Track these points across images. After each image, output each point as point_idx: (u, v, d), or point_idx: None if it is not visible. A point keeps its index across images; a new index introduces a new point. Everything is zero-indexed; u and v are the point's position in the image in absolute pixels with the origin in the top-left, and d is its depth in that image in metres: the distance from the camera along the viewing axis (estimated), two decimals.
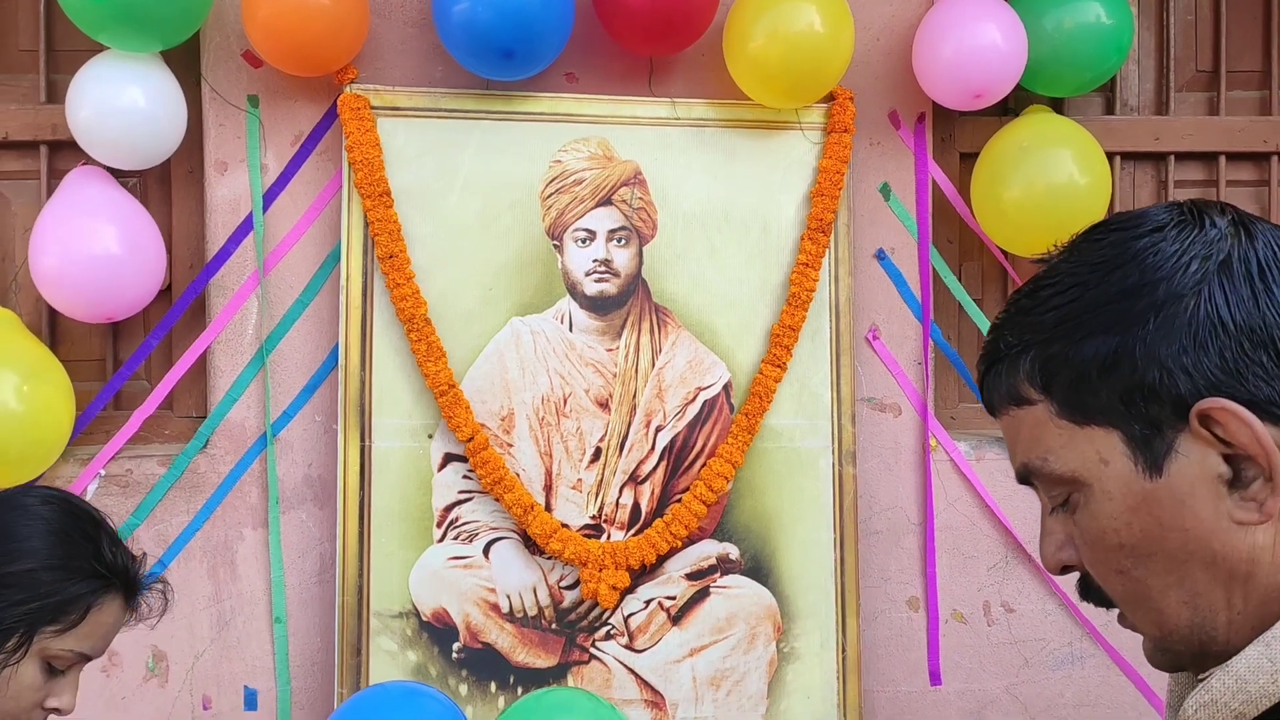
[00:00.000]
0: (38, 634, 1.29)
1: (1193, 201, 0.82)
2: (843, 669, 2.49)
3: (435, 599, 2.41)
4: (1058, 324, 0.79)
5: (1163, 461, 0.75)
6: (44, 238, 2.32)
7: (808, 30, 2.33)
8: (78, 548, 1.33)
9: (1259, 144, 2.82)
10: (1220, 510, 0.74)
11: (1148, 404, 0.75)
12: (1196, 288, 0.74)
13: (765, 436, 2.50)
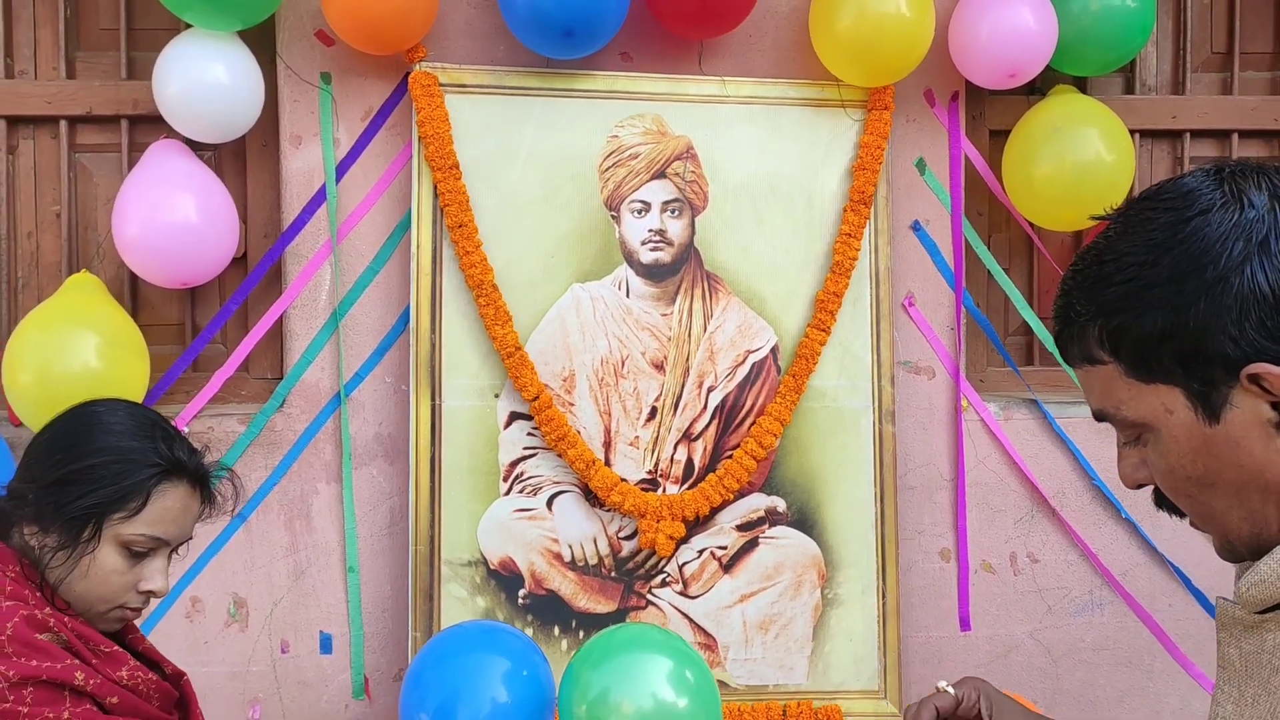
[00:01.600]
0: (106, 522, 1.42)
1: (1234, 173, 0.97)
2: (883, 614, 2.66)
3: (502, 549, 2.56)
4: (1121, 298, 0.95)
5: (1220, 411, 0.92)
6: (127, 207, 2.44)
7: (895, 13, 2.48)
8: (136, 442, 1.47)
9: (1270, 122, 2.98)
10: (1271, 448, 0.91)
11: (1203, 367, 0.91)
12: (1240, 267, 0.89)
13: (810, 396, 2.66)
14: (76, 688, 1.34)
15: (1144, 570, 2.84)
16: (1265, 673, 0.94)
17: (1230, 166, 0.96)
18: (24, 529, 1.44)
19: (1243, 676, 0.98)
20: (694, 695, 2.11)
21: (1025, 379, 2.86)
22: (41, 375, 2.34)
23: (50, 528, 1.41)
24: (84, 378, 2.36)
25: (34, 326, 2.40)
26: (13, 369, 2.36)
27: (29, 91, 2.61)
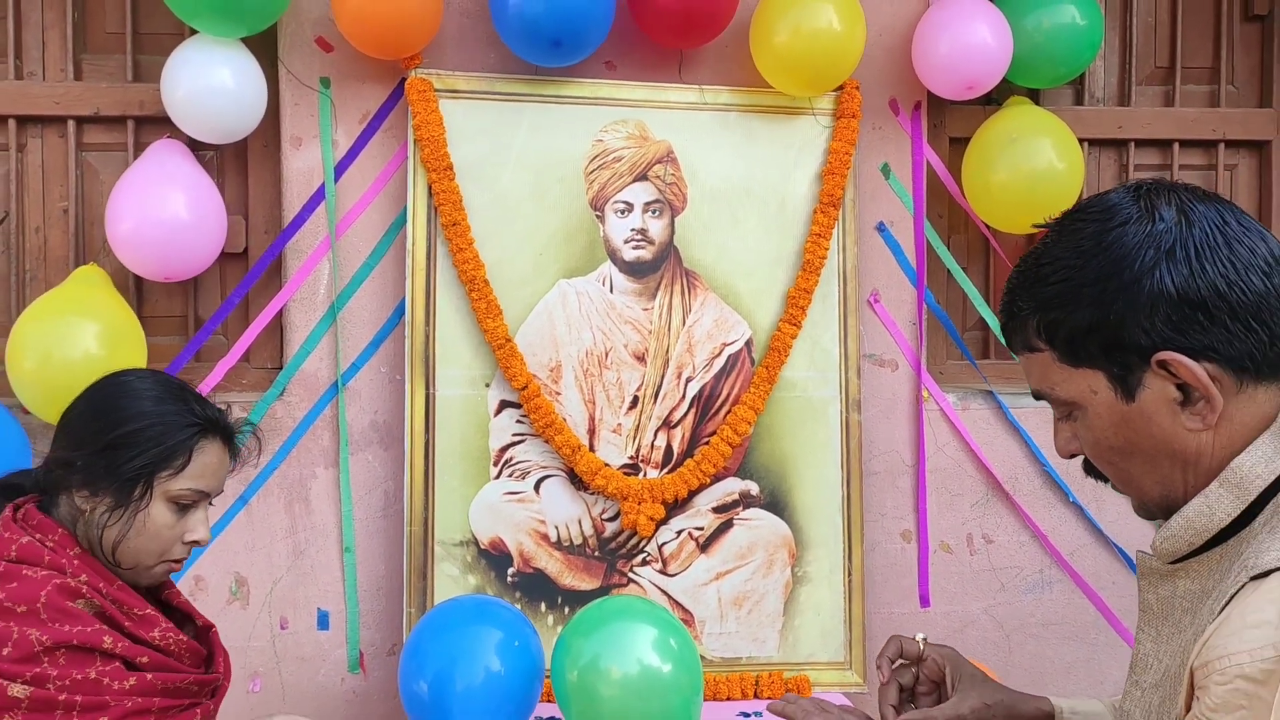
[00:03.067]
0: (156, 479, 1.55)
1: (1151, 189, 1.13)
2: (848, 591, 2.84)
3: (492, 529, 2.71)
4: (1055, 296, 1.12)
5: (1135, 391, 1.09)
6: (120, 204, 2.55)
7: (826, 28, 2.65)
8: (172, 406, 1.60)
9: (1208, 132, 3.19)
10: (1177, 423, 1.08)
11: (1121, 354, 1.08)
12: (1151, 271, 1.06)
13: (782, 387, 2.83)
14: (105, 650, 1.46)
15: (1090, 550, 3.04)
16: (1177, 614, 1.12)
17: (1147, 185, 1.13)
18: (73, 496, 1.55)
19: (1159, 618, 1.15)
20: (677, 662, 2.27)
21: (982, 371, 3.05)
22: (43, 362, 2.45)
23: (102, 491, 1.53)
24: (84, 365, 2.47)
25: (37, 316, 2.51)
26: (16, 356, 2.47)
27: (38, 92, 2.73)
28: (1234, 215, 1.07)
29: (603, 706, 2.25)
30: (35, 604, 1.43)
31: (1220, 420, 1.06)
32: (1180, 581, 1.11)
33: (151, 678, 1.47)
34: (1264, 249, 1.05)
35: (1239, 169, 3.25)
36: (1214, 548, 1.08)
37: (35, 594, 1.44)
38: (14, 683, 1.38)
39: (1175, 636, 1.11)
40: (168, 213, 2.55)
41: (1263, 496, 1.04)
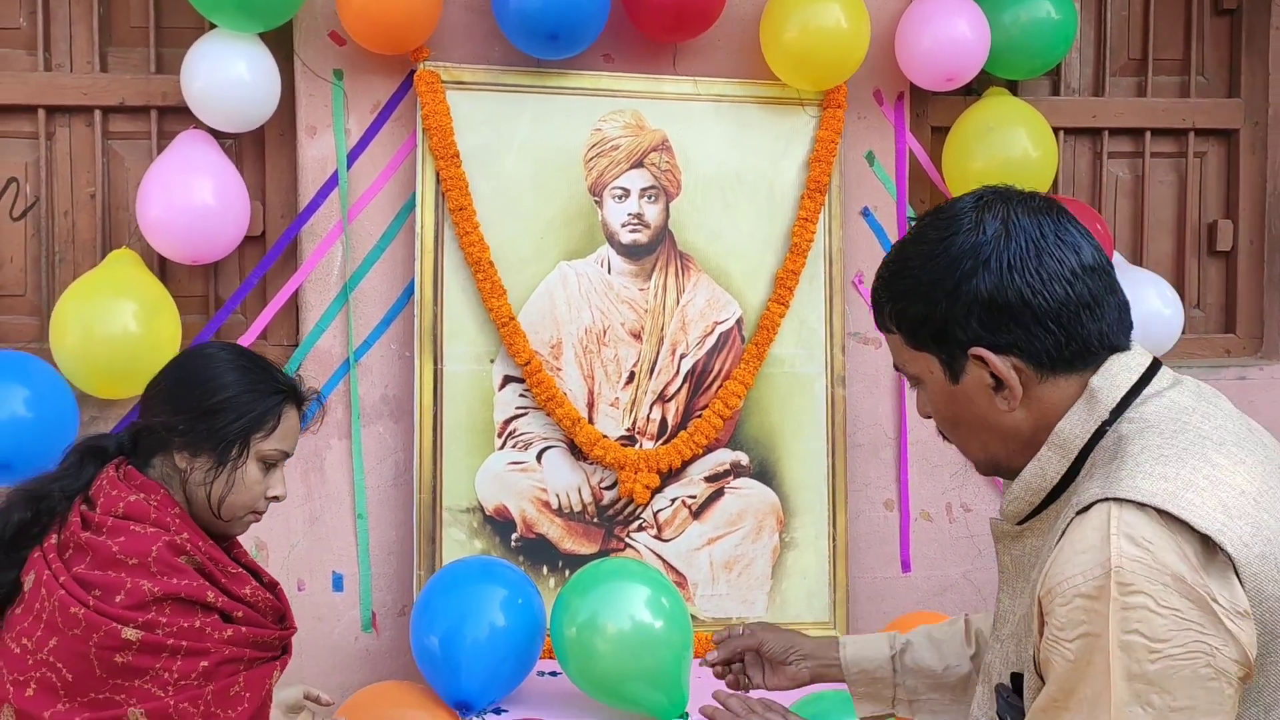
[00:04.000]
0: (251, 441, 1.71)
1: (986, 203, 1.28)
2: (833, 556, 3.01)
3: (496, 497, 2.88)
4: (902, 291, 1.29)
5: (959, 376, 1.27)
6: (150, 190, 2.72)
7: (834, 26, 2.82)
8: (259, 375, 1.75)
9: (1179, 121, 3.35)
10: (992, 404, 1.26)
11: (947, 345, 1.26)
12: (968, 278, 1.22)
13: (771, 363, 2.99)
14: (207, 603, 1.61)
15: None
16: (1026, 569, 1.29)
17: (988, 195, 1.29)
18: (173, 457, 1.69)
19: (1013, 576, 1.32)
20: (669, 619, 2.45)
21: None
22: (86, 338, 2.61)
23: (202, 452, 1.67)
24: (124, 341, 2.63)
25: (78, 295, 2.67)
26: (60, 333, 2.63)
27: (66, 83, 2.88)
28: (1054, 228, 1.22)
29: (599, 660, 2.42)
30: (146, 558, 1.58)
31: (1030, 401, 1.23)
32: (1028, 540, 1.28)
33: (245, 630, 1.63)
34: (1073, 260, 1.20)
35: (1208, 156, 3.41)
36: (1050, 505, 1.25)
37: (146, 549, 1.59)
38: (127, 626, 1.54)
39: (1026, 589, 1.27)
40: (195, 199, 2.70)
41: (1082, 453, 1.21)
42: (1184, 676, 1.04)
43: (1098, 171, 3.35)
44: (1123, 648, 1.05)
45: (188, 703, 1.56)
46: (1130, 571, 1.05)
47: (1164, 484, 1.09)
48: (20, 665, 1.54)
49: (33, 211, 2.91)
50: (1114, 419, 1.20)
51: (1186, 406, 1.19)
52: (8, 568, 1.62)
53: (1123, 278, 3.21)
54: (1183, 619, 1.04)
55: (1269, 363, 3.36)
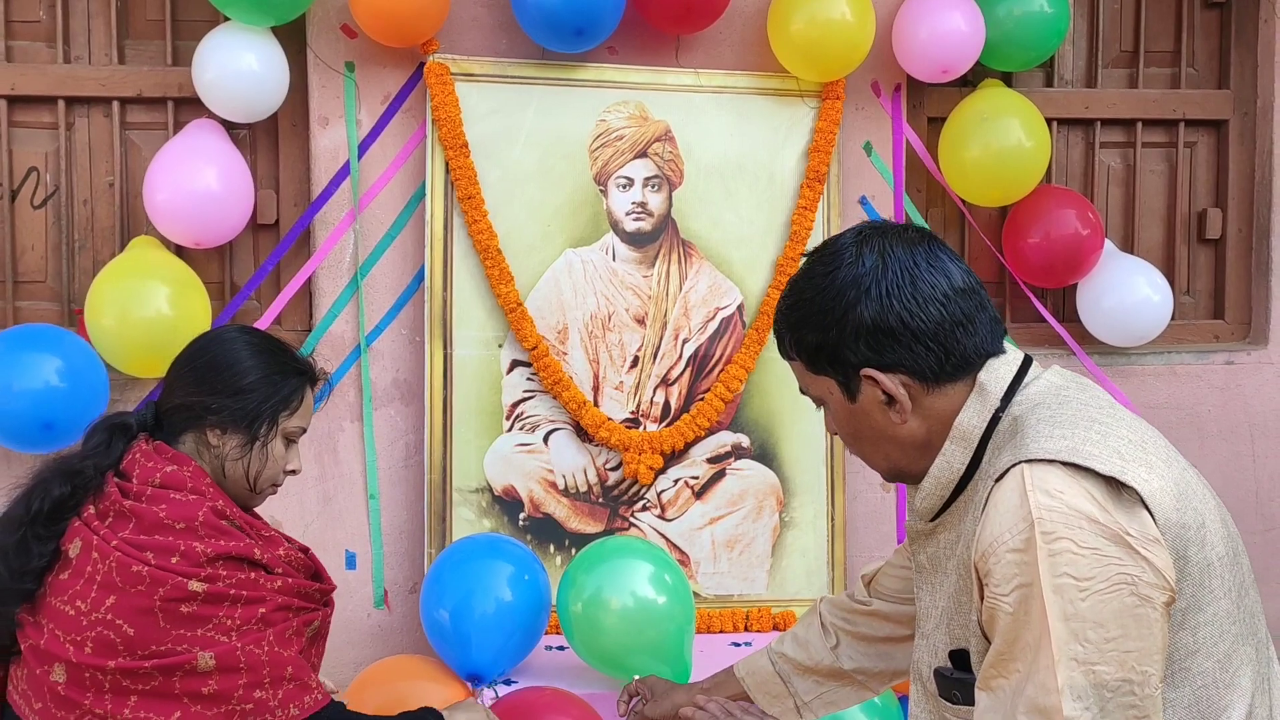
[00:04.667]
0: (279, 419, 1.80)
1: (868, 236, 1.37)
2: (831, 534, 3.10)
3: (505, 478, 2.97)
4: (797, 321, 1.40)
5: (855, 394, 1.37)
6: (158, 176, 2.78)
7: (840, 19, 2.90)
8: (280, 357, 1.84)
9: (1169, 112, 3.43)
10: (887, 417, 1.36)
11: (841, 367, 1.36)
12: (853, 306, 1.33)
13: (771, 348, 3.04)
14: (255, 560, 1.70)
15: None
16: (942, 561, 1.39)
17: (866, 230, 1.40)
18: (205, 434, 1.77)
19: (930, 573, 1.42)
20: (671, 594, 2.54)
21: None
22: (121, 319, 2.69)
23: (232, 429, 1.76)
24: (158, 321, 2.71)
25: (110, 279, 2.75)
26: (95, 314, 2.71)
27: (85, 75, 2.96)
28: (926, 256, 1.33)
29: (604, 634, 2.52)
30: (193, 523, 1.67)
31: (920, 411, 1.34)
32: (941, 535, 1.39)
33: (291, 582, 1.73)
34: (944, 284, 1.32)
35: (1198, 146, 3.49)
36: (958, 497, 1.36)
37: (192, 514, 1.68)
38: (192, 579, 1.63)
39: (945, 581, 1.38)
40: (200, 184, 2.77)
41: (982, 442, 1.32)
42: (1113, 608, 1.14)
43: (1090, 161, 3.43)
44: (1055, 590, 1.14)
45: (252, 645, 1.64)
46: (1050, 521, 1.16)
47: (1064, 442, 1.21)
48: (75, 626, 1.62)
49: (53, 200, 2.99)
50: (1004, 406, 1.31)
51: (1061, 385, 1.33)
52: (48, 539, 1.70)
53: (1113, 265, 3.30)
54: (1102, 556, 1.14)
55: (1256, 348, 3.45)
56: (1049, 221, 3.14)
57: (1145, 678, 1.14)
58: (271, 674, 1.65)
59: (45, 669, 1.63)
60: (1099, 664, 1.13)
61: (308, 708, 1.68)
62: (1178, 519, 1.19)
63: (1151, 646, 1.15)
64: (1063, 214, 3.14)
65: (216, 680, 1.62)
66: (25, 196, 2.98)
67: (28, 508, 1.71)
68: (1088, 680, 1.13)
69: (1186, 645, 1.20)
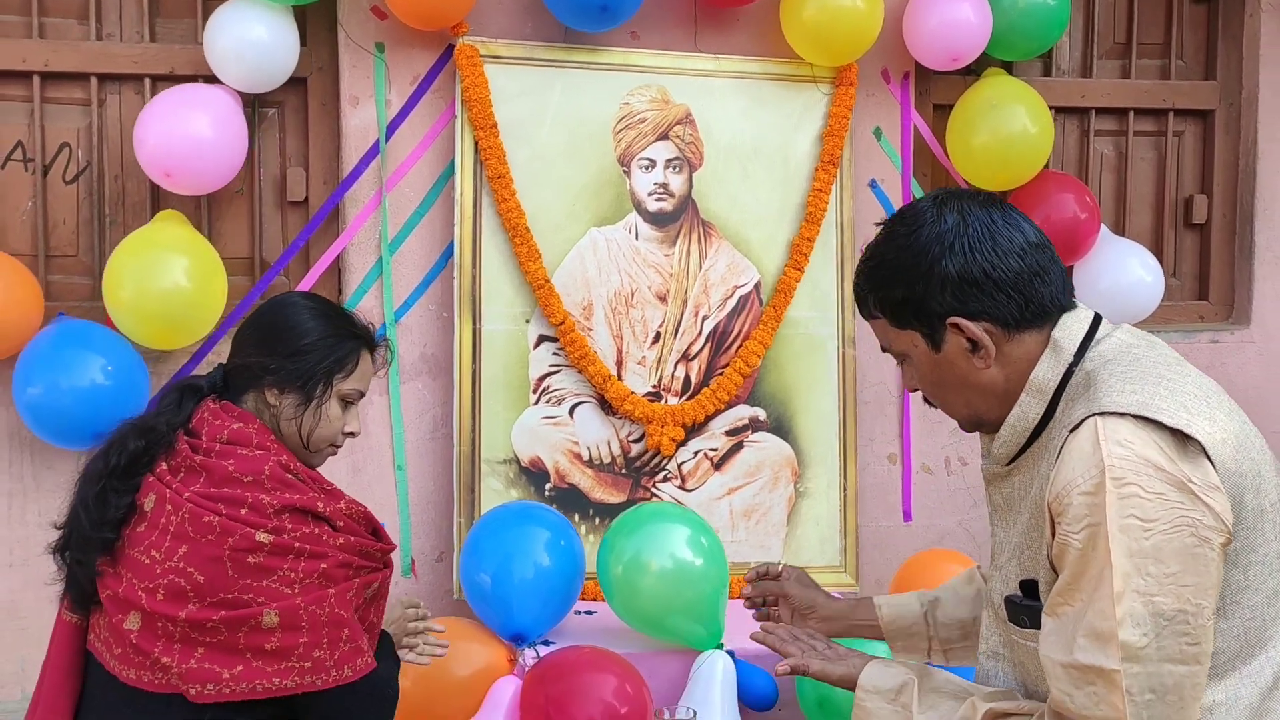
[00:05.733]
0: (334, 381, 1.87)
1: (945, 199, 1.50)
2: (844, 504, 3.22)
3: (531, 449, 3.06)
4: (881, 280, 1.52)
5: (940, 344, 1.49)
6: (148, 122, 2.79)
7: (851, 6, 3.02)
8: (339, 321, 1.91)
9: (1160, 102, 3.59)
10: (970, 364, 1.48)
11: (927, 319, 1.48)
12: (938, 260, 1.45)
13: (787, 325, 3.19)
14: (318, 513, 1.77)
15: None
16: (1015, 502, 1.52)
17: (943, 194, 1.52)
18: (264, 393, 1.84)
19: (1004, 511, 1.54)
20: (707, 557, 2.64)
21: None
22: (138, 292, 2.75)
23: (289, 389, 1.83)
24: (175, 294, 2.76)
25: (129, 251, 2.80)
26: (113, 287, 2.76)
27: (117, 52, 2.99)
28: (1002, 215, 1.46)
29: (643, 596, 2.62)
30: (260, 476, 1.74)
31: (1001, 359, 1.46)
32: (1015, 478, 1.51)
33: (354, 540, 1.80)
34: (1020, 239, 1.45)
35: (1185, 135, 3.66)
36: (1032, 444, 1.48)
37: (259, 468, 1.75)
38: (259, 530, 1.70)
39: (1018, 519, 1.51)
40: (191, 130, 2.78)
41: (1055, 395, 1.45)
42: (1174, 548, 1.26)
43: (1085, 148, 3.58)
44: (1121, 530, 1.27)
45: (315, 604, 1.71)
46: (1120, 468, 1.28)
47: (1135, 396, 1.33)
48: (149, 574, 1.69)
49: (84, 175, 3.02)
50: (1077, 361, 1.44)
51: (1131, 343, 1.45)
52: (124, 492, 1.77)
53: (1108, 247, 3.45)
54: (1167, 500, 1.27)
55: (1239, 327, 3.62)
56: (1049, 205, 3.27)
57: (1199, 609, 1.27)
58: (330, 635, 1.72)
59: (121, 617, 1.70)
60: (1158, 596, 1.26)
61: (359, 670, 1.74)
62: (1235, 468, 1.31)
63: (1207, 582, 1.27)
64: (1062, 198, 3.28)
65: (279, 637, 1.68)
66: (57, 172, 3.01)
67: (106, 462, 1.79)
68: (1147, 610, 1.26)
69: (1238, 582, 1.32)
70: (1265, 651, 1.34)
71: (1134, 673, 1.26)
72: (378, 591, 1.88)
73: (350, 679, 1.72)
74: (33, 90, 2.96)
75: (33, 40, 2.96)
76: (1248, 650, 1.33)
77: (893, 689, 1.55)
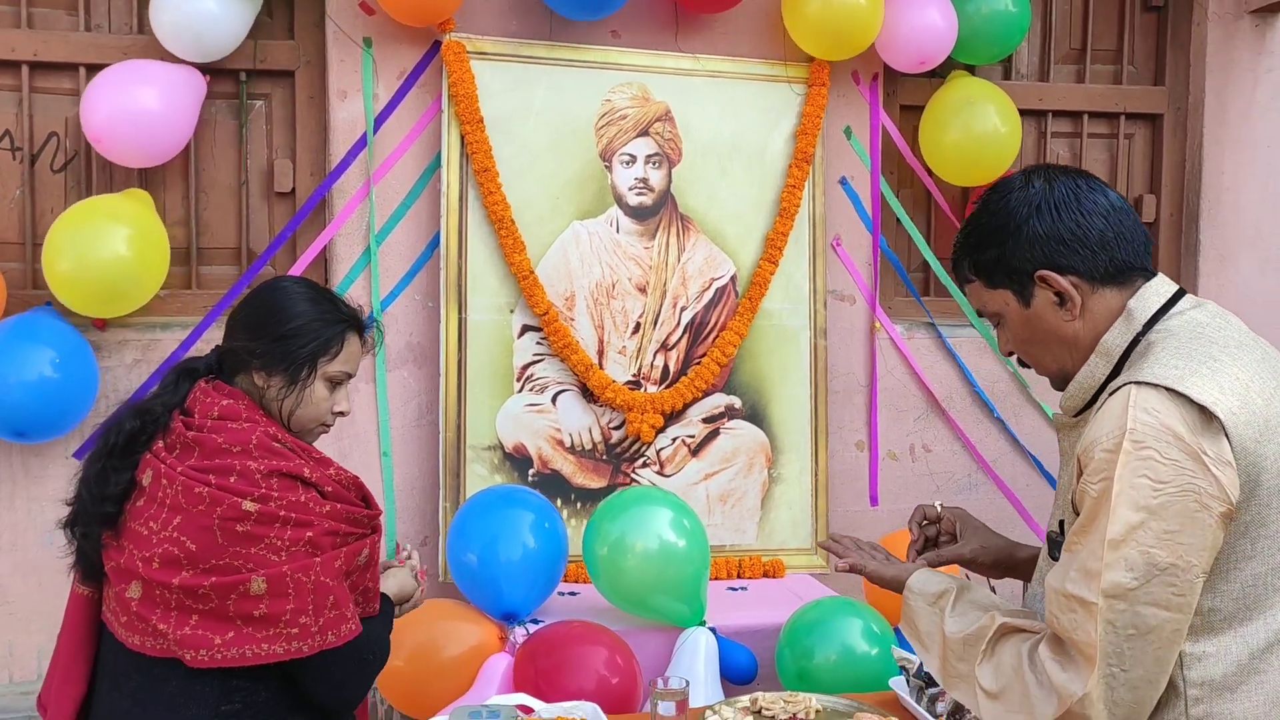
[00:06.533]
0: (319, 363, 1.92)
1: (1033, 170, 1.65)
2: (815, 490, 3.34)
3: (515, 436, 3.14)
4: (976, 244, 1.65)
5: (1030, 300, 1.62)
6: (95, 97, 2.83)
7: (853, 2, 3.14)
8: (325, 305, 1.96)
9: (1112, 106, 3.75)
10: (1058, 316, 1.61)
11: (1017, 276, 1.61)
12: (1027, 220, 1.58)
13: (761, 316, 3.31)
14: (305, 479, 1.84)
15: (1009, 458, 3.61)
16: (1072, 451, 1.64)
17: (1032, 168, 1.66)
18: (252, 375, 1.90)
19: (1068, 457, 1.67)
20: (690, 538, 2.74)
21: (925, 306, 3.58)
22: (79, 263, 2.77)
23: (276, 372, 1.89)
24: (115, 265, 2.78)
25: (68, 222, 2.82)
26: (52, 258, 2.78)
27: (105, 43, 3.03)
28: (1085, 181, 1.58)
29: (628, 576, 2.71)
30: (248, 445, 1.81)
31: (1084, 313, 1.58)
32: (1081, 429, 1.64)
33: (340, 506, 1.86)
34: (1104, 202, 1.57)
35: (1135, 137, 3.83)
36: (1096, 400, 1.61)
37: (247, 438, 1.81)
38: (246, 499, 1.76)
39: (1070, 465, 1.64)
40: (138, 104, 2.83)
41: (1121, 359, 1.57)
42: (1177, 509, 1.39)
43: (1042, 149, 3.74)
44: (1133, 486, 1.40)
45: (301, 572, 1.78)
46: (1141, 432, 1.41)
47: (1174, 371, 1.45)
48: (147, 544, 1.77)
49: (72, 164, 3.05)
50: (1145, 331, 1.55)
51: (1203, 322, 1.55)
52: (122, 469, 1.85)
53: None
54: (1180, 466, 1.39)
55: None
56: None
57: (1189, 566, 1.40)
58: (315, 602, 1.79)
59: (124, 586, 1.78)
60: (1155, 549, 1.39)
61: (343, 636, 1.81)
62: (1256, 449, 1.43)
63: (1202, 544, 1.40)
64: None
65: (266, 604, 1.76)
66: (45, 160, 3.04)
67: (106, 442, 1.86)
68: (1143, 559, 1.39)
69: (1244, 551, 1.46)
70: (1262, 617, 1.47)
71: (1120, 609, 1.39)
72: (369, 558, 1.93)
73: (334, 644, 1.79)
74: (21, 80, 2.99)
75: (22, 30, 2.98)
76: (1245, 613, 1.46)
77: (935, 594, 1.68)
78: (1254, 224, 3.80)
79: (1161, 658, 1.40)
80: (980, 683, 1.55)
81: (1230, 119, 3.76)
